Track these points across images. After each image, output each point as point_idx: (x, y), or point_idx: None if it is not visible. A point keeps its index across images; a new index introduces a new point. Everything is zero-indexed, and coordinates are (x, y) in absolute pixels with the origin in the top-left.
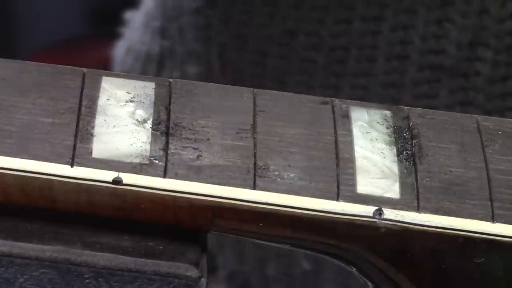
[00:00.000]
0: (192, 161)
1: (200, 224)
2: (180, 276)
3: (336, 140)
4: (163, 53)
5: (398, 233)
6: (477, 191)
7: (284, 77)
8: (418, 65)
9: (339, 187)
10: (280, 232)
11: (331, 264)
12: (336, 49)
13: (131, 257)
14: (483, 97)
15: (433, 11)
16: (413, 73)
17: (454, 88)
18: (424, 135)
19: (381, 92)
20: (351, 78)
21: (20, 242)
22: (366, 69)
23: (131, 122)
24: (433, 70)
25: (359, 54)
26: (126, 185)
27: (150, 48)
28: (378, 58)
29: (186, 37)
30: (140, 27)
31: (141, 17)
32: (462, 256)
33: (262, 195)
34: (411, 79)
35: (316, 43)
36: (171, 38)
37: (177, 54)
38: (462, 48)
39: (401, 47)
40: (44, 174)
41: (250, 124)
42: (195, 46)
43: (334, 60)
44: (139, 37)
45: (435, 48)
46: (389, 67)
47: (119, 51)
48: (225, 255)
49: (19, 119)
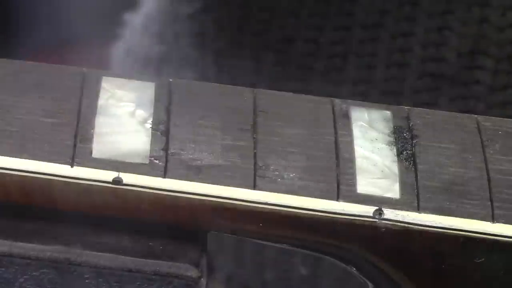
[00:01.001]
0: (192, 161)
1: (200, 224)
2: (180, 276)
3: (336, 140)
4: (161, 57)
5: (398, 233)
6: (477, 191)
7: (281, 84)
8: (418, 73)
9: (339, 187)
10: (280, 232)
11: (330, 269)
12: (335, 56)
13: (131, 257)
14: (483, 106)
15: (433, 19)
16: (413, 81)
17: (454, 96)
18: (424, 135)
19: (381, 100)
20: (350, 85)
21: (20, 242)
22: (365, 76)
23: (131, 122)
24: (433, 78)
25: (358, 62)
26: (126, 185)
27: (148, 51)
28: (377, 65)
29: (181, 43)
30: (140, 29)
31: (141, 19)
32: (462, 256)
33: (262, 195)
34: (410, 87)
35: (314, 50)
36: (167, 43)
37: (173, 59)
38: (462, 56)
39: (400, 54)
40: (44, 174)
41: (250, 124)
42: (190, 52)
43: (332, 67)
44: (139, 39)
45: (435, 56)
46: (388, 75)
47: (118, 52)
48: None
49: (19, 119)
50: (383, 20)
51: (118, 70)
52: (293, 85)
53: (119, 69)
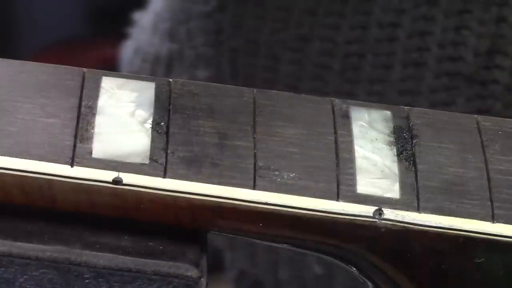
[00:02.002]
0: (192, 161)
1: (200, 224)
2: (180, 276)
3: (336, 140)
4: (172, 55)
5: (398, 233)
6: (477, 191)
7: (297, 83)
8: (435, 72)
9: (339, 187)
10: (280, 232)
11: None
12: (352, 55)
13: (131, 257)
14: (501, 105)
15: (451, 18)
16: (430, 80)
17: (472, 95)
18: (424, 135)
19: (397, 99)
20: (367, 84)
21: (20, 242)
22: (382, 75)
23: (131, 122)
24: (450, 78)
25: (375, 61)
26: (126, 185)
27: (158, 50)
28: (394, 64)
29: (195, 41)
30: (149, 28)
31: (150, 18)
32: (462, 256)
33: (262, 195)
34: (428, 86)
35: (330, 49)
36: (180, 41)
37: (186, 58)
38: (480, 55)
39: (418, 54)
40: (44, 174)
41: (250, 124)
42: (205, 50)
43: (349, 66)
44: (148, 38)
45: (452, 55)
46: (405, 74)
47: (127, 52)
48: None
49: (19, 119)
50: (401, 19)
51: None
52: (309, 84)
53: (127, 68)
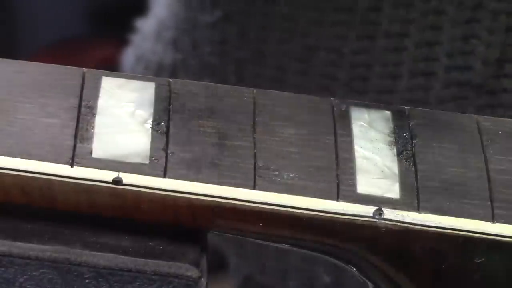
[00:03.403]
0: (192, 161)
1: (200, 224)
2: (180, 276)
3: (336, 140)
4: (176, 64)
5: (398, 233)
6: (477, 191)
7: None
8: (443, 82)
9: (339, 187)
10: (280, 232)
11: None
12: (358, 65)
13: (131, 257)
14: (511, 114)
15: (459, 27)
16: (439, 90)
17: (481, 105)
18: (424, 135)
19: None
20: (374, 95)
21: (20, 242)
22: (389, 86)
23: (131, 122)
24: (459, 87)
25: (382, 71)
26: (126, 185)
27: (162, 58)
28: (402, 75)
29: (200, 51)
30: (152, 36)
31: (153, 25)
32: (462, 256)
33: (262, 195)
34: (436, 96)
35: (337, 59)
36: (184, 50)
37: (190, 67)
38: (489, 64)
39: (426, 63)
40: (44, 174)
41: (250, 124)
42: (210, 60)
43: (356, 77)
44: (151, 46)
45: (461, 64)
46: (413, 84)
47: (128, 59)
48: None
49: (19, 119)
50: (408, 29)
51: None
52: (316, 94)
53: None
